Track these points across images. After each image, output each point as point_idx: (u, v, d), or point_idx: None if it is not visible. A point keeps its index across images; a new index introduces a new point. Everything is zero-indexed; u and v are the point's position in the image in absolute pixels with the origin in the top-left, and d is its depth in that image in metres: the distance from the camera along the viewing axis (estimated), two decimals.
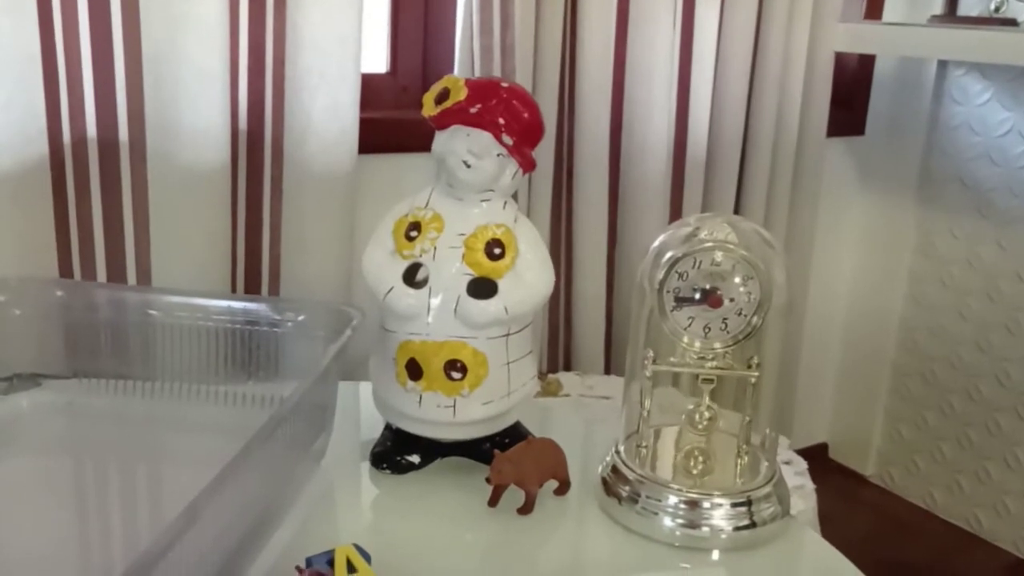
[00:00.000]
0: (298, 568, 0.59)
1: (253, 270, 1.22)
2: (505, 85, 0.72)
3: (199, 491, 0.50)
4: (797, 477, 1.21)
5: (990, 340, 1.78)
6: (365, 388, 0.83)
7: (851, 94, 1.86)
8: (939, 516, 1.90)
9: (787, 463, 1.24)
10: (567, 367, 1.54)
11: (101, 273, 1.10)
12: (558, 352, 1.53)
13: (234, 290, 1.21)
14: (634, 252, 1.52)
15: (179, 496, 0.51)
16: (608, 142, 1.44)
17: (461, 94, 0.70)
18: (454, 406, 0.71)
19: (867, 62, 1.88)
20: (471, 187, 0.71)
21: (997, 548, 1.80)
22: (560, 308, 1.51)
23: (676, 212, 1.54)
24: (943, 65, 1.81)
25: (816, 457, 1.88)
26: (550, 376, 1.41)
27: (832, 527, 1.26)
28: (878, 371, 1.98)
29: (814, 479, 1.27)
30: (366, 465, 0.76)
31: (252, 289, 1.23)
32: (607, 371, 1.55)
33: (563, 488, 0.73)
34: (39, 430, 0.79)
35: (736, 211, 1.62)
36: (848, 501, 1.95)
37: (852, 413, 2.05)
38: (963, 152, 1.79)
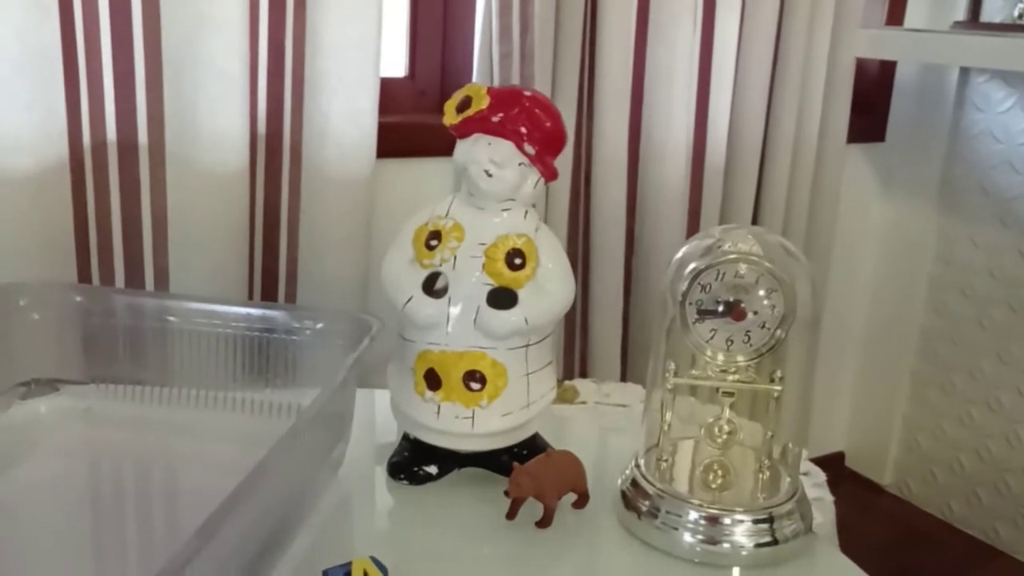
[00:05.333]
0: None
1: (270, 273, 1.22)
2: (528, 94, 0.71)
3: (216, 503, 0.50)
4: (816, 489, 1.20)
5: (1011, 350, 1.76)
6: (380, 395, 0.82)
7: (872, 100, 1.85)
8: (957, 527, 1.88)
9: (805, 474, 1.22)
10: (583, 373, 1.53)
11: (119, 274, 1.10)
12: (574, 358, 1.52)
13: (251, 293, 1.21)
14: (652, 258, 1.51)
15: (196, 503, 0.50)
16: (627, 147, 1.43)
17: (483, 103, 0.69)
18: (472, 417, 0.71)
19: (888, 68, 1.87)
20: (492, 196, 0.70)
21: (1015, 560, 1.79)
22: (576, 314, 1.51)
23: (694, 218, 1.53)
24: (965, 72, 1.79)
25: (833, 466, 1.87)
26: (566, 383, 1.40)
27: (848, 536, 1.25)
28: (896, 380, 1.96)
29: (830, 488, 1.25)
30: (382, 473, 0.76)
31: (269, 292, 1.23)
32: (623, 378, 1.54)
33: (582, 501, 0.72)
34: (57, 435, 0.79)
35: (755, 217, 1.61)
36: (865, 510, 1.94)
37: (870, 422, 2.03)
38: (985, 160, 1.77)
